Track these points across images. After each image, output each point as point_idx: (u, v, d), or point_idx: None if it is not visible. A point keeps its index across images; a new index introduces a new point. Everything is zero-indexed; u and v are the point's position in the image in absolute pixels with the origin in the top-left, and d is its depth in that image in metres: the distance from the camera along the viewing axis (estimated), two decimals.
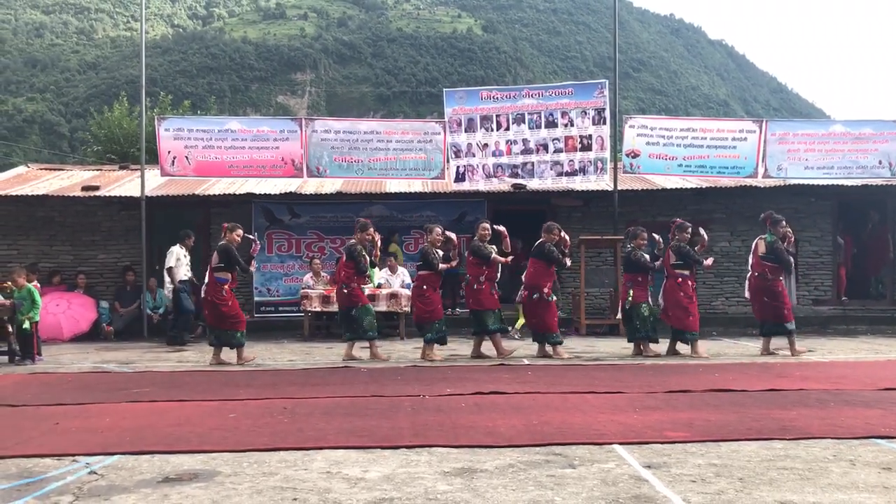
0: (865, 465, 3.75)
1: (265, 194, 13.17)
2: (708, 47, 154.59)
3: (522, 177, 12.71)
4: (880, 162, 13.04)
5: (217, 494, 3.32)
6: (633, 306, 8.89)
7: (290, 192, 13.06)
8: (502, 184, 12.95)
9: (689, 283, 8.94)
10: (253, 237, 9.30)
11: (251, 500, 3.25)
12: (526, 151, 12.62)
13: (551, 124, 12.58)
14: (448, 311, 10.95)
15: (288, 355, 9.40)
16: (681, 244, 8.86)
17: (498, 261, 8.75)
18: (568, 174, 12.64)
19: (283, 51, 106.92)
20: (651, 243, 9.19)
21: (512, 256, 9.19)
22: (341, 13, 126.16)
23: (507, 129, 12.64)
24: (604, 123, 12.58)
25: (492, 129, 12.65)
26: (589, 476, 3.56)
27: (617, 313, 10.77)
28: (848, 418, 4.87)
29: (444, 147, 12.68)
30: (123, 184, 14.13)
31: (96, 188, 13.41)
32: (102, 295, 12.85)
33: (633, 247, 9.00)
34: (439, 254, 8.80)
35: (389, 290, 11.73)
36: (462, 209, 13.48)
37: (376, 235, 9.19)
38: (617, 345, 9.99)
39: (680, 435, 4.40)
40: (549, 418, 4.90)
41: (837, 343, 10.77)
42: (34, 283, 9.37)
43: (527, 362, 8.33)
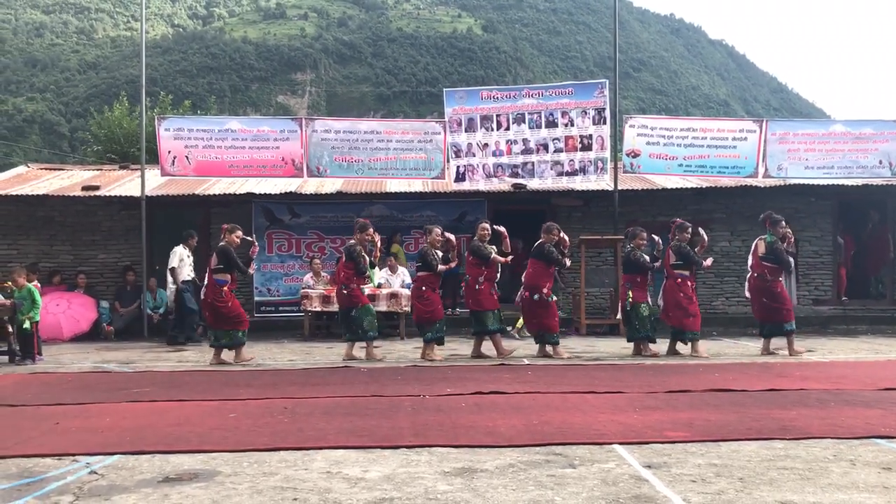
0: (865, 465, 3.75)
1: (265, 194, 13.17)
2: (708, 47, 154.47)
3: (523, 176, 12.71)
4: (880, 162, 13.05)
5: (217, 494, 3.32)
6: (633, 306, 8.90)
7: (291, 192, 13.05)
8: (502, 184, 12.95)
9: (689, 283, 8.95)
10: (252, 239, 9.29)
11: (251, 499, 3.25)
12: (526, 151, 12.62)
13: (551, 124, 12.58)
14: (448, 311, 10.95)
15: (288, 355, 9.40)
16: (681, 244, 8.87)
17: (497, 261, 8.75)
18: (568, 174, 12.64)
19: (284, 51, 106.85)
20: (650, 244, 9.19)
21: (512, 256, 9.19)
22: (341, 13, 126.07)
23: (508, 128, 12.63)
24: (604, 123, 12.58)
25: (492, 129, 12.64)
26: (589, 476, 3.56)
27: (617, 313, 10.77)
28: (848, 418, 4.87)
29: (445, 147, 12.69)
30: (123, 183, 14.14)
31: (96, 188, 13.41)
32: (103, 295, 12.85)
33: (633, 247, 9.00)
34: (438, 255, 8.80)
35: (389, 290, 11.74)
36: (462, 209, 13.49)
37: (376, 236, 9.18)
38: (617, 345, 9.99)
39: (680, 435, 4.40)
40: (550, 418, 4.90)
41: (837, 343, 10.77)
42: (34, 283, 9.37)
43: (527, 362, 8.33)
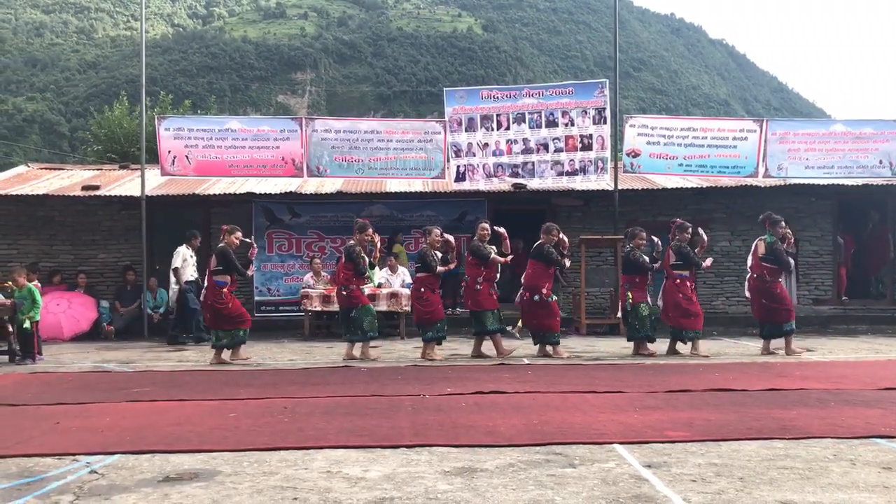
0: (866, 464, 3.75)
1: (265, 194, 13.17)
2: (708, 47, 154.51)
3: (523, 176, 12.71)
4: (881, 161, 13.05)
5: (217, 494, 3.33)
6: (633, 307, 8.90)
7: (291, 192, 13.05)
8: (503, 183, 12.94)
9: (688, 283, 8.95)
10: (251, 241, 9.28)
11: (251, 499, 3.25)
12: (526, 151, 12.62)
13: (552, 124, 12.57)
14: (448, 311, 10.95)
15: (288, 355, 9.40)
16: (681, 244, 8.87)
17: (497, 261, 8.75)
18: (568, 174, 12.63)
19: (284, 50, 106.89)
20: (650, 245, 9.19)
21: (511, 256, 9.19)
22: (341, 12, 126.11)
23: (508, 128, 12.63)
24: (604, 123, 12.57)
25: (492, 129, 12.64)
26: (589, 475, 3.56)
27: (617, 313, 10.77)
28: (848, 418, 4.86)
29: (445, 146, 12.68)
30: (124, 183, 14.14)
31: (96, 188, 13.41)
32: (103, 294, 12.84)
33: (632, 247, 8.99)
34: (437, 256, 8.80)
35: (390, 290, 11.73)
36: (462, 209, 13.48)
37: (376, 236, 9.17)
38: (617, 344, 9.99)
39: (680, 434, 4.40)
40: (550, 418, 4.90)
41: (838, 343, 10.76)
42: (34, 283, 9.37)
43: (527, 362, 8.33)
